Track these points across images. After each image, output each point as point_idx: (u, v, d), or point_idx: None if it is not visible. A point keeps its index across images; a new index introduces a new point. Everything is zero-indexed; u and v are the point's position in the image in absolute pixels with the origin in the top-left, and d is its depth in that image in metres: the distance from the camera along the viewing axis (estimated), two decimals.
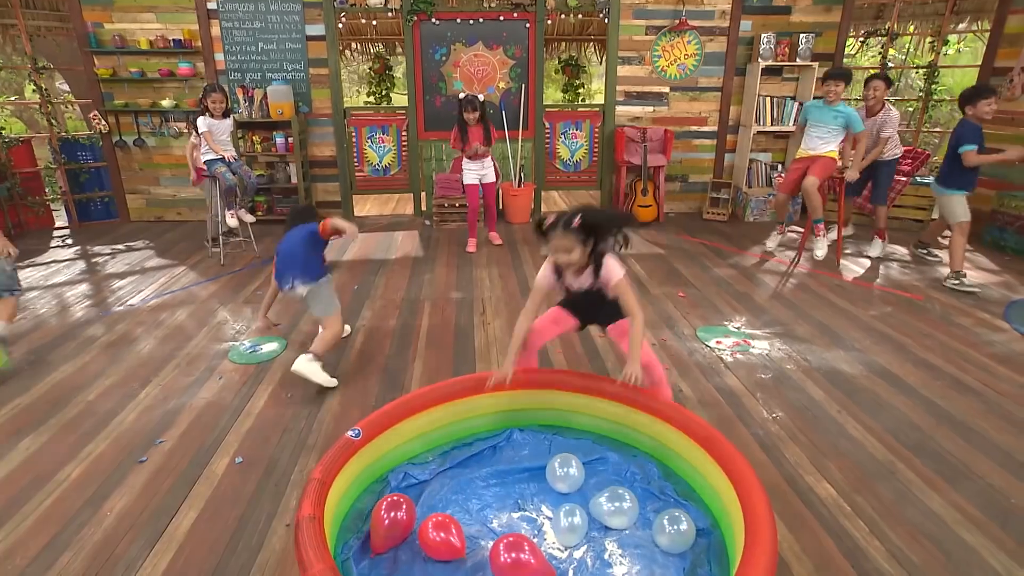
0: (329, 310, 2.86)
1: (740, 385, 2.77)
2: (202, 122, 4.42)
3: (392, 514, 1.69)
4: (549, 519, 1.86)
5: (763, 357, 3.03)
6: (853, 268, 4.45)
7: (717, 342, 3.20)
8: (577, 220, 1.99)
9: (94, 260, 4.78)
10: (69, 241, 5.38)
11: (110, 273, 4.46)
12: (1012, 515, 1.93)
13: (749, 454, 2.25)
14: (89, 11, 5.42)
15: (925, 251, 4.67)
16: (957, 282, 3.93)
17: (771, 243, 4.66)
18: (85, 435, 2.40)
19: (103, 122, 5.62)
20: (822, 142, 4.22)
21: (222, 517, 1.95)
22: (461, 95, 4.74)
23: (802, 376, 2.84)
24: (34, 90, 5.65)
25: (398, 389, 2.75)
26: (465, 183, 4.91)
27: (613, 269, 2.11)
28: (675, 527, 1.69)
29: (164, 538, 1.85)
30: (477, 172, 4.82)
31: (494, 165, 4.91)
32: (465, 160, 4.80)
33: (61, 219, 6.02)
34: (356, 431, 1.88)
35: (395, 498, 1.74)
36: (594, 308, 2.27)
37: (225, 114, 4.56)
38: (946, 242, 4.37)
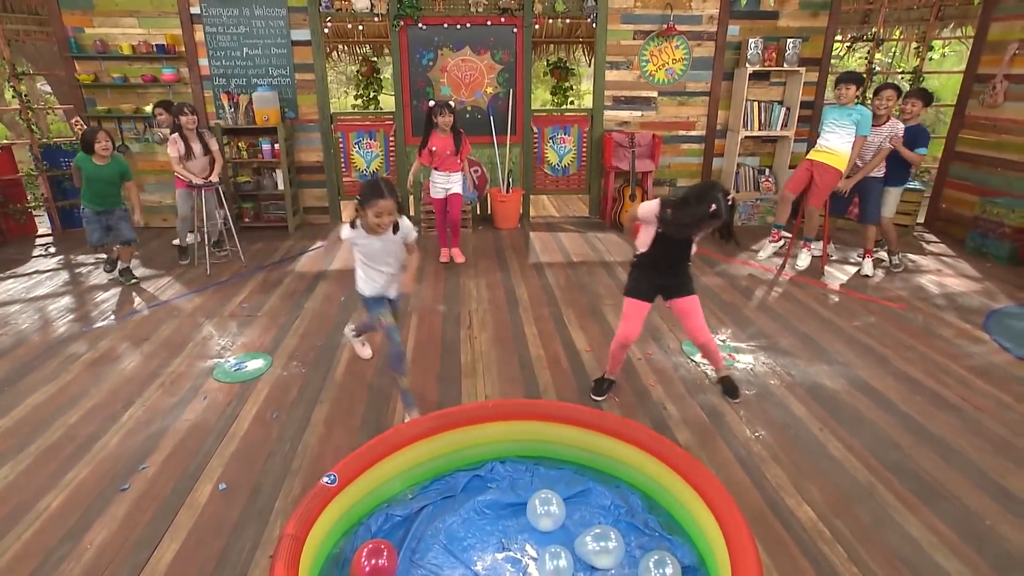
0: None
1: (724, 402, 2.79)
2: (348, 232, 2.52)
3: (373, 561, 1.66)
4: (534, 559, 1.85)
5: (747, 372, 3.06)
6: (838, 276, 4.49)
7: (702, 356, 3.21)
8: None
9: (77, 270, 4.72)
10: (52, 250, 5.32)
11: (94, 284, 4.41)
12: (986, 537, 1.96)
13: (731, 475, 2.27)
14: (69, 16, 5.34)
15: (899, 264, 4.61)
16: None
17: (764, 253, 4.67)
18: (66, 461, 2.38)
19: (85, 128, 5.54)
20: (835, 137, 4.25)
21: (205, 548, 1.94)
22: (431, 103, 4.51)
23: (785, 392, 2.87)
24: (13, 96, 5.55)
25: (384, 409, 2.75)
26: (432, 197, 4.68)
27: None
28: (661, 571, 1.69)
29: (145, 572, 1.84)
30: (443, 185, 4.57)
31: (464, 179, 4.60)
32: (433, 172, 4.56)
33: (44, 226, 5.95)
34: (332, 477, 1.84)
35: (375, 544, 1.72)
36: (671, 270, 2.59)
37: (395, 228, 2.50)
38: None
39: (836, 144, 4.25)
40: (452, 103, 4.56)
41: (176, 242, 4.88)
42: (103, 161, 4.09)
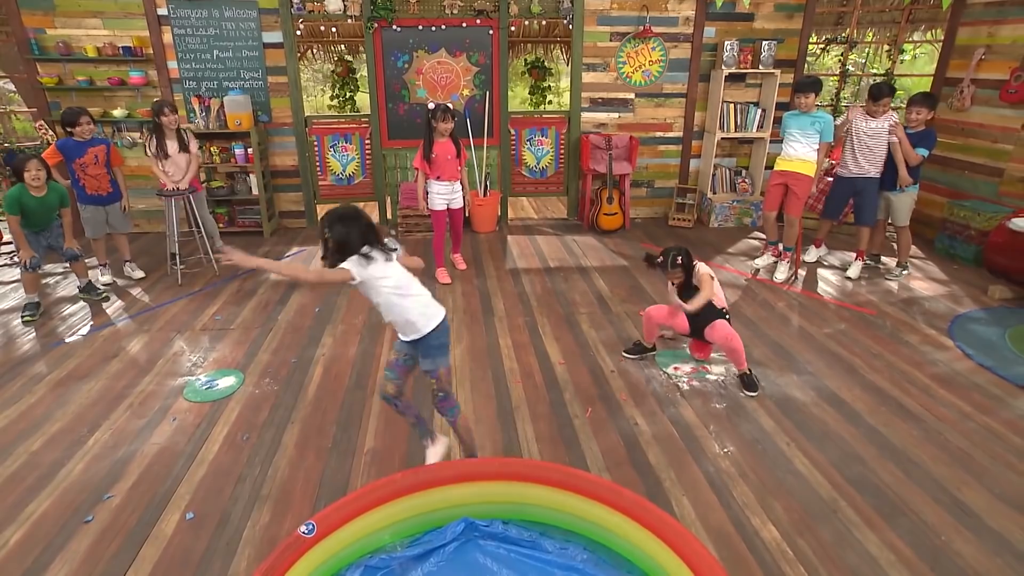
0: None
1: (694, 416, 2.82)
2: (362, 271, 2.23)
3: None
4: None
5: (719, 384, 3.09)
6: (814, 280, 4.54)
7: (675, 368, 3.25)
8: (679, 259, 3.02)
9: (44, 281, 4.60)
10: (16, 258, 5.17)
11: (61, 297, 4.31)
12: (941, 554, 2.02)
13: (699, 495, 2.30)
14: (29, 16, 5.17)
15: (859, 275, 4.60)
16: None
17: (762, 261, 4.81)
18: (28, 492, 2.34)
19: (50, 132, 5.39)
20: (801, 147, 4.33)
21: None
22: (431, 104, 4.26)
23: (755, 405, 2.91)
24: None
25: (355, 430, 2.73)
26: (432, 208, 4.36)
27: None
28: None
29: None
30: (445, 196, 4.33)
31: (463, 187, 4.44)
32: (431, 181, 4.29)
33: (8, 233, 5.78)
34: (310, 526, 1.74)
35: None
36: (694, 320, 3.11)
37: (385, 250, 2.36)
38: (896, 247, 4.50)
39: (803, 152, 4.31)
40: (451, 107, 4.29)
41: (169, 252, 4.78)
42: (39, 192, 3.73)
